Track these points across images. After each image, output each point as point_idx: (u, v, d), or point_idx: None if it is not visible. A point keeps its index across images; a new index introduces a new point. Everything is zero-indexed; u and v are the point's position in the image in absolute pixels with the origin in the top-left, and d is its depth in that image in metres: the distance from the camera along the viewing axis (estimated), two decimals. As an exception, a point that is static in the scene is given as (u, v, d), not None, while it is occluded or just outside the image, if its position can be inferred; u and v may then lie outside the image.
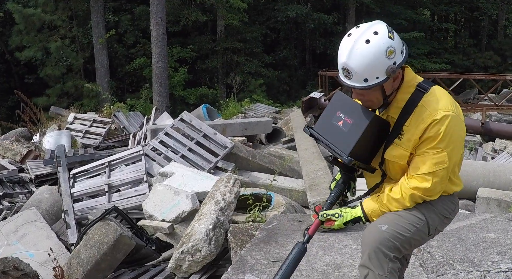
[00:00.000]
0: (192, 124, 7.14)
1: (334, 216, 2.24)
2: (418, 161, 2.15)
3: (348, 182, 2.39)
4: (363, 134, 2.15)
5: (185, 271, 4.04)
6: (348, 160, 2.14)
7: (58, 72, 18.96)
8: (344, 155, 2.15)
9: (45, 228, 4.99)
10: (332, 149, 2.22)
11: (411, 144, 2.15)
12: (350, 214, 2.24)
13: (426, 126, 2.10)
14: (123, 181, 6.24)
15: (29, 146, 9.40)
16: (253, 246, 3.53)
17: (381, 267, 2.10)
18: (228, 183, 4.94)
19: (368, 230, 2.20)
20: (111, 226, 4.04)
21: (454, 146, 2.12)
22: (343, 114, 2.22)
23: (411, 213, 2.19)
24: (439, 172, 2.11)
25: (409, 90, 2.20)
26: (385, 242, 2.11)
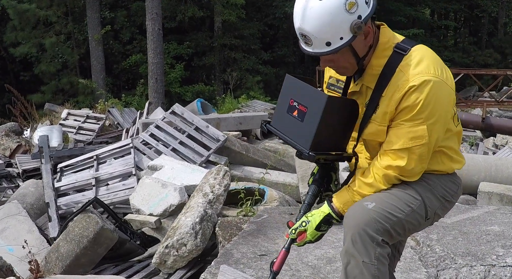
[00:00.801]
0: (184, 116, 6.92)
1: (301, 226, 1.92)
2: (391, 134, 1.83)
3: (327, 175, 2.05)
4: (320, 122, 1.83)
5: (170, 266, 3.82)
6: (311, 157, 1.85)
7: (53, 68, 18.73)
8: (305, 151, 1.85)
9: (26, 221, 4.76)
10: (293, 145, 1.93)
11: (387, 117, 1.83)
12: (318, 215, 1.91)
13: (402, 94, 1.77)
14: (111, 174, 6.02)
15: (19, 141, 9.16)
16: (240, 239, 3.31)
17: (366, 253, 1.78)
18: (217, 175, 4.72)
19: (352, 209, 1.87)
20: (92, 218, 3.82)
21: (437, 118, 1.78)
22: (297, 101, 1.91)
23: (404, 191, 1.87)
24: (416, 149, 1.79)
25: (386, 53, 1.85)
26: (372, 223, 1.79)
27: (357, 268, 1.79)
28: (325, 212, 1.91)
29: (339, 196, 1.93)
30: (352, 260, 1.80)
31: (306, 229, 1.91)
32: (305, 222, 1.92)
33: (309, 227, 1.91)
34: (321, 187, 2.02)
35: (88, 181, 5.95)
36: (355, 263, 1.80)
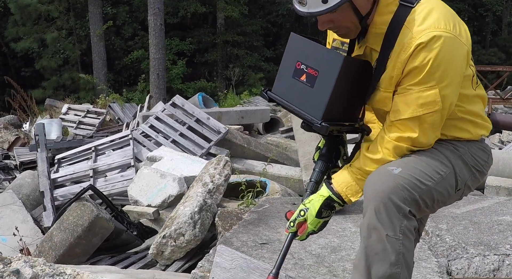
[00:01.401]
0: (184, 108, 6.77)
1: (300, 216, 1.69)
2: (399, 102, 1.60)
3: (335, 149, 1.81)
4: (335, 87, 1.60)
5: (167, 257, 3.68)
6: (324, 128, 1.60)
7: (55, 64, 18.62)
8: (316, 121, 1.62)
9: (21, 211, 4.63)
10: (300, 115, 1.69)
11: (393, 81, 1.61)
12: (317, 200, 1.68)
13: (409, 54, 1.54)
14: (110, 166, 5.88)
15: (17, 134, 9.05)
16: (240, 228, 3.17)
17: (391, 226, 1.54)
18: (218, 165, 4.58)
19: (375, 175, 1.62)
20: (87, 207, 3.68)
21: (450, 80, 1.55)
22: (305, 64, 1.67)
23: (432, 155, 1.63)
24: (427, 117, 1.57)
25: (390, 8, 1.61)
26: (398, 191, 1.54)
27: (379, 243, 1.56)
28: (324, 196, 1.69)
29: (339, 176, 1.72)
30: (374, 234, 1.57)
31: (306, 218, 1.69)
32: (303, 210, 1.70)
33: (308, 215, 1.68)
34: (329, 162, 1.79)
35: (85, 172, 5.81)
36: (378, 237, 1.56)
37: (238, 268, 1.68)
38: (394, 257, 1.56)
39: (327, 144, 1.81)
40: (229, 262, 1.71)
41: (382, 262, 1.57)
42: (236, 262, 1.71)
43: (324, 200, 1.68)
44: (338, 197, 1.69)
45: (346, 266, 2.51)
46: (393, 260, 1.56)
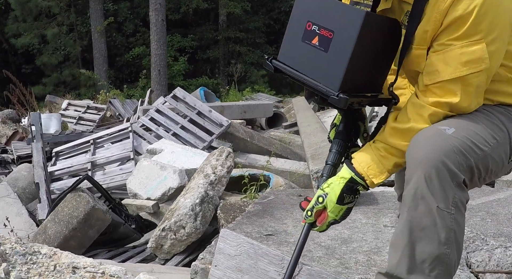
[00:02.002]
0: (186, 100, 6.60)
1: (318, 202, 1.45)
2: (436, 61, 1.35)
3: (354, 125, 1.57)
4: (354, 50, 1.35)
5: (166, 251, 3.50)
6: (342, 100, 1.35)
7: (55, 60, 18.48)
8: (332, 93, 1.36)
9: (16, 204, 4.46)
10: (312, 86, 1.42)
11: (428, 36, 1.36)
12: (337, 184, 1.43)
13: (449, 2, 1.30)
14: (108, 159, 5.71)
15: (16, 128, 8.89)
16: (244, 219, 2.99)
17: (443, 196, 1.30)
18: (220, 157, 4.40)
19: (422, 135, 1.36)
20: (83, 197, 3.50)
21: (499, 32, 1.31)
22: (317, 24, 1.41)
23: (486, 116, 1.40)
24: (472, 77, 1.32)
25: None
26: (452, 155, 1.29)
27: (428, 216, 1.32)
28: (345, 178, 1.44)
29: (361, 154, 1.48)
30: (422, 205, 1.33)
31: (326, 205, 1.45)
32: (322, 196, 1.45)
33: (328, 202, 1.44)
34: (347, 141, 1.54)
35: (83, 166, 5.64)
36: (426, 209, 1.32)
37: (244, 255, 1.50)
38: (444, 235, 1.32)
39: (344, 120, 1.56)
40: (234, 248, 1.53)
41: (430, 240, 1.33)
42: (242, 248, 1.52)
43: (345, 183, 1.44)
44: (361, 178, 1.45)
45: (359, 258, 2.34)
46: (443, 238, 1.33)
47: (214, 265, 1.55)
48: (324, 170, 1.56)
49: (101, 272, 1.21)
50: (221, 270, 1.51)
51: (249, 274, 1.46)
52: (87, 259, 1.33)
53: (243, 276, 1.46)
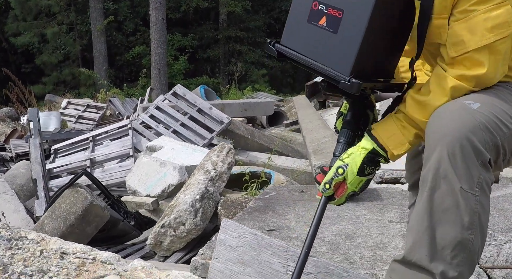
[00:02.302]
0: (186, 98, 6.53)
1: (337, 174, 1.35)
2: (459, 30, 1.25)
3: (363, 114, 1.47)
4: (367, 31, 1.25)
5: (166, 248, 3.43)
6: (354, 86, 1.24)
7: (55, 59, 18.42)
8: (343, 77, 1.25)
9: (13, 201, 4.39)
10: (320, 71, 1.31)
11: (448, 3, 1.27)
12: (358, 154, 1.35)
13: None
14: (108, 156, 5.64)
15: (14, 126, 8.83)
16: (245, 214, 2.92)
17: (467, 176, 1.19)
18: (221, 153, 4.32)
19: (446, 109, 1.26)
20: (81, 193, 3.43)
21: None
22: (324, 3, 1.30)
23: (509, 92, 1.31)
24: (499, 44, 1.23)
25: None
26: (478, 131, 1.20)
27: (450, 197, 1.22)
28: (367, 148, 1.36)
29: (382, 125, 1.39)
30: (444, 184, 1.21)
31: (346, 176, 1.35)
32: (342, 167, 1.35)
33: (348, 172, 1.34)
34: (356, 131, 1.44)
35: (82, 163, 5.58)
36: (449, 189, 1.21)
37: (246, 246, 1.42)
38: (468, 218, 1.22)
39: (352, 109, 1.45)
40: (235, 239, 1.45)
41: (452, 223, 1.22)
42: (245, 239, 1.44)
43: (366, 154, 1.35)
44: (383, 150, 1.36)
45: (364, 253, 2.26)
46: (466, 222, 1.22)
47: (215, 257, 1.47)
48: (332, 162, 1.43)
49: (91, 258, 1.14)
50: (222, 262, 1.44)
51: (251, 267, 1.38)
52: (77, 245, 1.27)
53: (245, 269, 1.38)
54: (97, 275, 1.07)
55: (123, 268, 1.14)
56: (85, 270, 1.10)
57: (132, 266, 1.17)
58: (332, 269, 1.39)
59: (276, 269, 1.39)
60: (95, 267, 1.13)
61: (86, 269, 1.10)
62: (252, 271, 1.37)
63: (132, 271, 1.12)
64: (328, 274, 1.36)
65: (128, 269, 1.13)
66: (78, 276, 1.07)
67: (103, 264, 1.15)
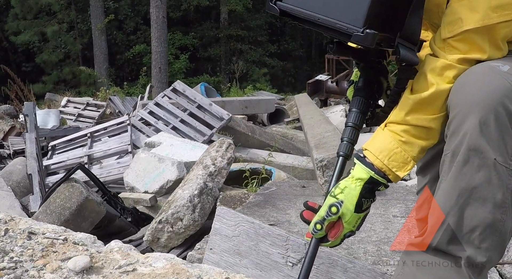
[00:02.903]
0: (185, 94, 6.44)
1: (330, 213, 1.18)
2: (458, 7, 1.12)
3: (376, 80, 1.31)
4: None
5: (163, 244, 3.33)
6: (369, 36, 1.07)
7: (55, 58, 18.34)
8: (356, 29, 1.09)
9: (8, 197, 4.30)
10: (329, 25, 1.15)
11: None
12: (354, 188, 1.17)
13: None
14: (106, 152, 5.55)
15: (13, 123, 8.74)
16: (244, 209, 2.83)
17: (501, 146, 1.06)
18: (220, 148, 4.23)
19: (472, 73, 1.11)
20: (76, 188, 3.34)
21: None
22: None
23: None
24: (502, 27, 1.10)
25: None
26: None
27: (482, 171, 1.07)
28: (362, 179, 1.18)
29: (376, 143, 1.21)
30: (475, 158, 1.07)
31: (341, 215, 1.18)
32: (336, 205, 1.17)
33: (344, 211, 1.17)
34: (369, 98, 1.28)
35: (80, 159, 5.49)
36: (480, 162, 1.07)
37: (243, 235, 1.30)
38: (501, 196, 1.07)
39: (364, 75, 1.30)
40: (231, 228, 1.34)
41: (482, 202, 1.08)
42: (241, 228, 1.32)
43: (363, 185, 1.18)
44: (382, 176, 1.18)
45: (368, 248, 2.17)
46: (499, 200, 1.07)
47: (209, 248, 1.37)
48: (345, 133, 1.26)
49: (62, 239, 1.05)
50: (217, 253, 1.33)
51: (248, 258, 1.27)
52: (50, 225, 1.17)
53: (242, 260, 1.28)
54: (66, 257, 0.98)
55: (97, 250, 1.05)
56: (53, 251, 1.01)
57: (108, 248, 1.08)
58: (336, 259, 1.29)
59: (275, 260, 1.28)
60: (65, 248, 1.04)
61: (54, 250, 1.01)
62: (249, 263, 1.27)
63: (106, 253, 1.04)
64: (331, 265, 1.26)
65: (103, 251, 1.04)
66: (44, 257, 0.99)
67: (75, 245, 1.06)
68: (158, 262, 1.01)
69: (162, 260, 1.02)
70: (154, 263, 1.00)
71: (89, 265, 0.99)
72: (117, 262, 1.00)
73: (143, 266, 1.00)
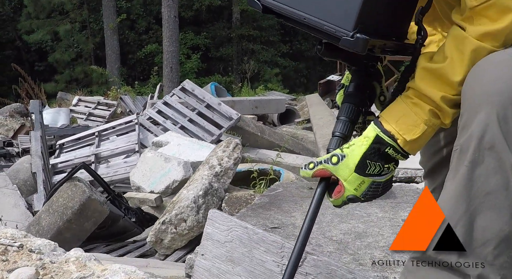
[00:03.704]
0: (194, 93, 6.38)
1: (328, 160, 1.06)
2: None
3: (368, 85, 1.18)
4: None
5: (167, 246, 3.27)
6: (360, 42, 0.96)
7: (68, 57, 18.41)
8: (345, 33, 0.98)
9: (13, 195, 4.27)
10: (315, 27, 1.03)
11: None
12: (360, 145, 1.05)
13: None
14: (113, 151, 5.51)
15: (23, 122, 8.75)
16: (248, 211, 2.74)
17: None
18: (227, 148, 4.16)
19: (489, 60, 0.97)
20: (79, 187, 3.29)
21: None
22: None
23: None
24: None
25: None
26: None
27: (497, 175, 0.93)
28: (369, 137, 1.05)
29: (389, 107, 1.09)
30: (490, 158, 0.93)
31: (337, 170, 1.04)
32: (337, 156, 1.04)
33: (342, 166, 1.04)
34: (360, 105, 1.14)
35: (87, 158, 5.45)
36: (496, 164, 0.93)
37: (236, 241, 1.21)
38: None
39: (356, 79, 1.16)
40: (224, 232, 1.25)
41: (498, 211, 0.93)
42: (234, 233, 1.23)
43: (370, 144, 1.05)
44: (390, 137, 1.04)
45: (375, 253, 2.08)
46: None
47: (201, 253, 1.29)
48: (331, 143, 1.13)
49: (18, 245, 0.97)
50: (209, 259, 1.25)
51: (241, 265, 1.18)
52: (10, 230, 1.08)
53: (234, 267, 1.19)
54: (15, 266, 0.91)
55: (51, 259, 0.98)
56: (3, 259, 0.93)
57: (65, 257, 1.00)
58: (335, 269, 1.19)
59: (269, 269, 1.19)
60: (18, 256, 0.96)
61: (4, 259, 0.94)
62: (242, 270, 1.18)
63: (61, 263, 0.96)
64: (329, 275, 1.17)
65: (58, 261, 0.97)
66: (-10, 267, 0.91)
67: (30, 253, 0.98)
68: (116, 276, 0.92)
69: (120, 274, 0.94)
70: (111, 277, 0.92)
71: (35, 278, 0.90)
72: (69, 275, 0.92)
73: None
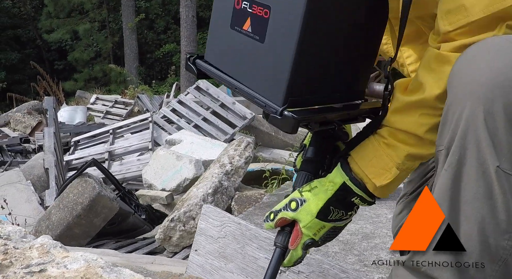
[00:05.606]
0: (209, 92, 6.38)
1: (288, 207, 0.97)
2: None
3: (329, 148, 1.03)
4: (304, 36, 0.82)
5: (175, 243, 3.26)
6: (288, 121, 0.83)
7: (87, 56, 18.61)
8: (274, 108, 0.86)
9: (26, 190, 4.32)
10: (247, 96, 0.93)
11: None
12: (325, 189, 0.96)
13: None
14: (126, 149, 5.54)
15: (40, 119, 8.86)
16: (256, 210, 2.73)
17: (508, 148, 0.77)
18: (239, 147, 4.14)
19: (479, 47, 0.82)
20: (89, 183, 3.30)
21: None
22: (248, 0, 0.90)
23: None
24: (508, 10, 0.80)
25: None
26: None
27: (480, 180, 0.80)
28: (336, 183, 0.96)
29: (359, 147, 0.97)
30: (472, 160, 0.80)
31: (297, 216, 0.96)
32: (296, 200, 0.96)
33: (302, 211, 0.95)
34: (318, 172, 1.02)
35: (101, 155, 5.49)
36: (478, 167, 0.80)
37: (229, 237, 1.18)
38: (505, 216, 0.79)
39: (315, 142, 1.02)
40: (217, 228, 1.22)
41: (481, 221, 0.81)
42: (227, 229, 1.20)
43: (335, 191, 0.95)
44: (357, 185, 0.94)
45: (381, 255, 2.04)
46: (503, 221, 0.80)
47: (194, 249, 1.27)
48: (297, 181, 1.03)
49: None
50: (202, 255, 1.23)
51: (234, 262, 1.15)
52: None
53: (227, 264, 1.16)
54: None
55: (16, 245, 0.97)
56: None
57: (30, 244, 1.00)
58: (327, 268, 1.16)
59: (261, 266, 1.16)
60: None
61: None
62: (235, 267, 1.15)
63: (24, 249, 0.95)
64: (322, 274, 1.14)
65: (22, 247, 0.96)
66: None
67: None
68: (75, 263, 0.92)
69: (80, 261, 0.93)
70: (70, 264, 0.92)
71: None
72: (29, 261, 0.92)
73: (55, 267, 0.92)
